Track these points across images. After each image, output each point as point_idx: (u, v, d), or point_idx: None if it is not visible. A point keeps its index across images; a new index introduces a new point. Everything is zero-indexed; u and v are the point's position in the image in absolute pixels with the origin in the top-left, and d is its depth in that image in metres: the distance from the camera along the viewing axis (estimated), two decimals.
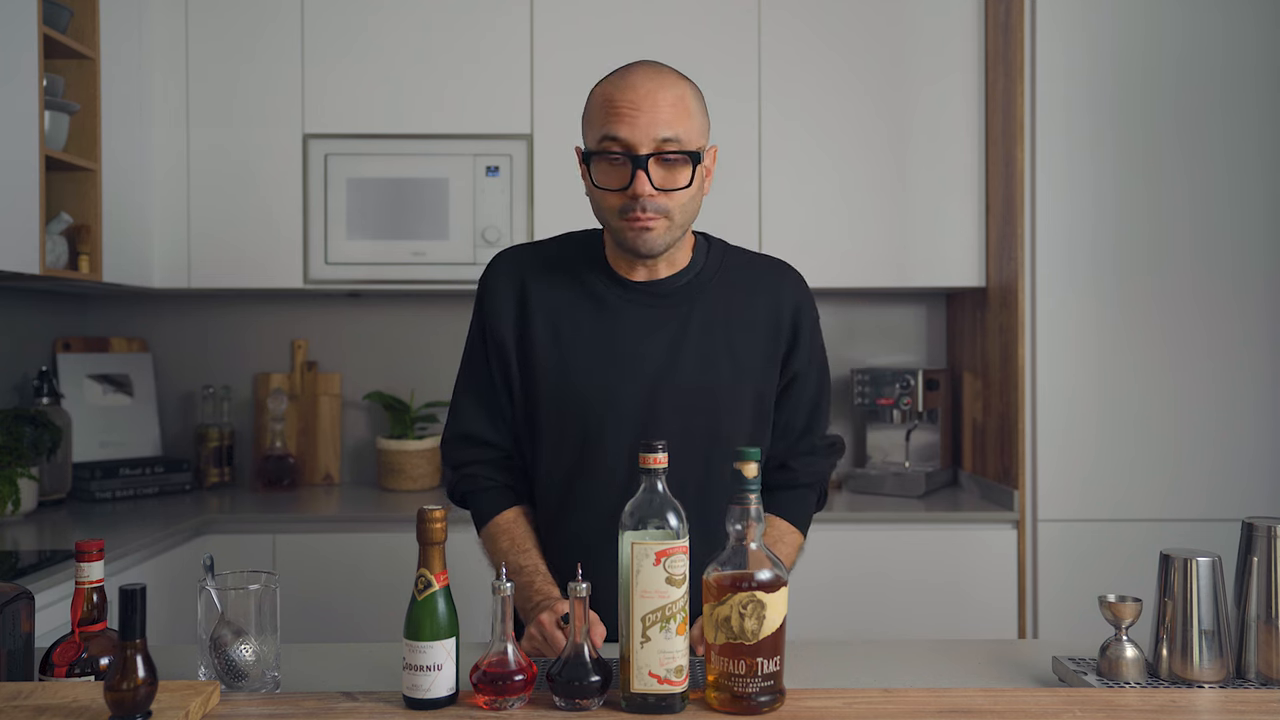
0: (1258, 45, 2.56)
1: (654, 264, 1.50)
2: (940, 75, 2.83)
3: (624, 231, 1.42)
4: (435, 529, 1.10)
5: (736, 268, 1.56)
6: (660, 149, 1.39)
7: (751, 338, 1.52)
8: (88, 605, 1.14)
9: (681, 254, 1.53)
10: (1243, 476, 2.55)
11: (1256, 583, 1.21)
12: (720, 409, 1.49)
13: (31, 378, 2.80)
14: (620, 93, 1.41)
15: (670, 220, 1.42)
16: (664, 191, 1.40)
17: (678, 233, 1.45)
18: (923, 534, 2.59)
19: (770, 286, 1.55)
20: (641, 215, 1.40)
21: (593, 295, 1.51)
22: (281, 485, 2.98)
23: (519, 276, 1.53)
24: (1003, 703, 1.11)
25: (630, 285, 1.51)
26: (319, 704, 1.10)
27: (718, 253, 1.56)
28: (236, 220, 2.81)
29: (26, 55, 2.22)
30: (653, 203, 1.39)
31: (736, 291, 1.53)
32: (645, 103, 1.39)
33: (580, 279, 1.52)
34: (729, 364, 1.50)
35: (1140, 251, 2.57)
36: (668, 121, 1.39)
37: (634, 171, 1.38)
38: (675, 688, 1.08)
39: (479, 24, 2.82)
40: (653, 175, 1.39)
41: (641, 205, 1.39)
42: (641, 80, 1.41)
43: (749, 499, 1.10)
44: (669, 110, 1.40)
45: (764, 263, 1.60)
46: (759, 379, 1.52)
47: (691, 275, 1.52)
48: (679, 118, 1.40)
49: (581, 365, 1.48)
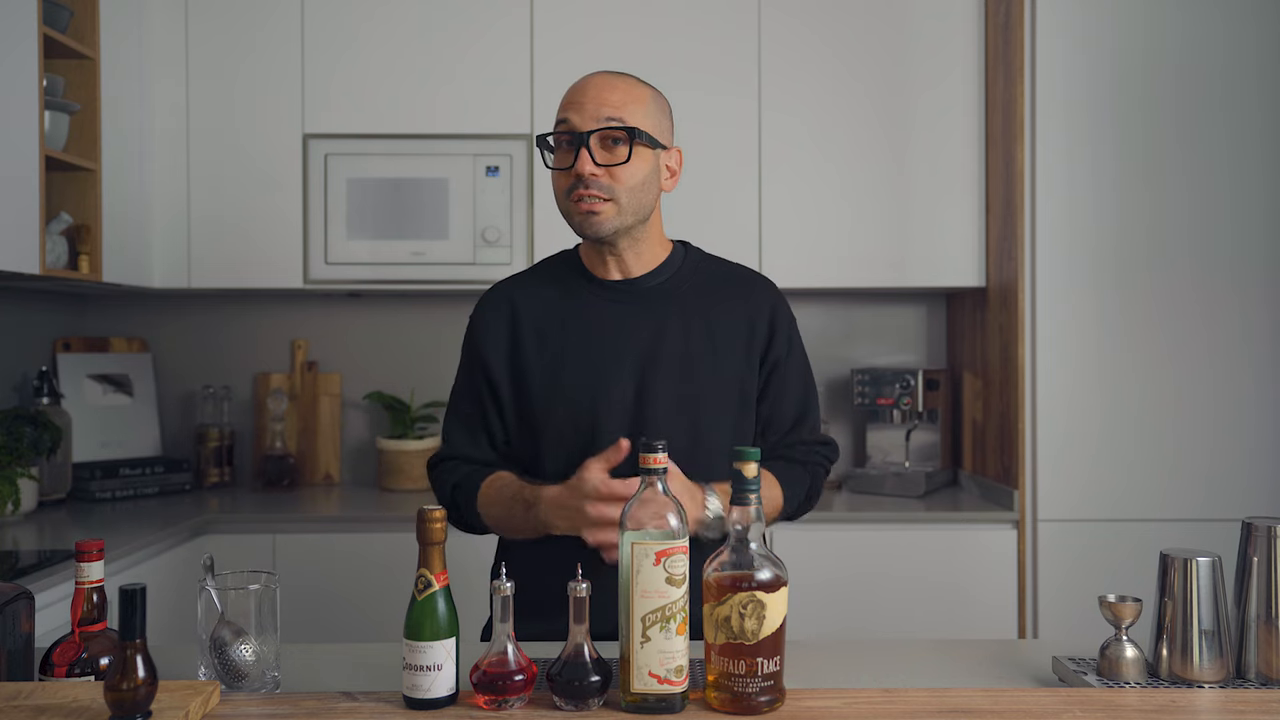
0: (1258, 45, 2.56)
1: (623, 259, 1.56)
2: (940, 75, 2.83)
3: (573, 214, 1.50)
4: (435, 529, 1.10)
5: (712, 272, 1.62)
6: (601, 127, 1.46)
7: (730, 333, 1.56)
8: (88, 605, 1.14)
9: (651, 252, 1.58)
10: (1243, 476, 2.55)
11: (1256, 583, 1.21)
12: (703, 401, 1.53)
13: (31, 378, 2.80)
14: (577, 84, 1.51)
15: (617, 204, 1.48)
16: (606, 169, 1.46)
17: (628, 219, 1.50)
18: (923, 534, 2.59)
19: (745, 290, 1.61)
20: (585, 193, 1.46)
21: (573, 297, 1.57)
22: (281, 485, 2.98)
23: (507, 302, 1.60)
24: (1003, 703, 1.11)
25: (607, 284, 1.57)
26: (319, 704, 1.10)
27: (694, 258, 1.63)
28: (236, 220, 2.81)
29: (26, 55, 2.22)
30: (596, 181, 1.46)
31: (714, 292, 1.59)
32: (592, 90, 1.48)
33: (561, 286, 1.59)
34: (710, 358, 1.54)
35: (1140, 251, 2.57)
36: (614, 105, 1.47)
37: (577, 150, 1.46)
38: (675, 688, 1.08)
39: (479, 24, 2.82)
40: (595, 154, 1.45)
41: (585, 183, 1.46)
42: (597, 77, 1.52)
43: (749, 499, 1.10)
44: (617, 95, 1.48)
45: (739, 269, 1.66)
46: (740, 371, 1.56)
47: (668, 275, 1.58)
48: (626, 104, 1.48)
49: (569, 364, 1.54)
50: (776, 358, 1.59)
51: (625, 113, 1.47)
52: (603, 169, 1.46)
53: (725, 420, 1.55)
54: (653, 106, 1.52)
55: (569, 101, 1.49)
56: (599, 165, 1.46)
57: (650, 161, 1.50)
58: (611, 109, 1.46)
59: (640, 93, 1.51)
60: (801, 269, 2.82)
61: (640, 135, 1.47)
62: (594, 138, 1.46)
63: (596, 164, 1.46)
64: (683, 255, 1.61)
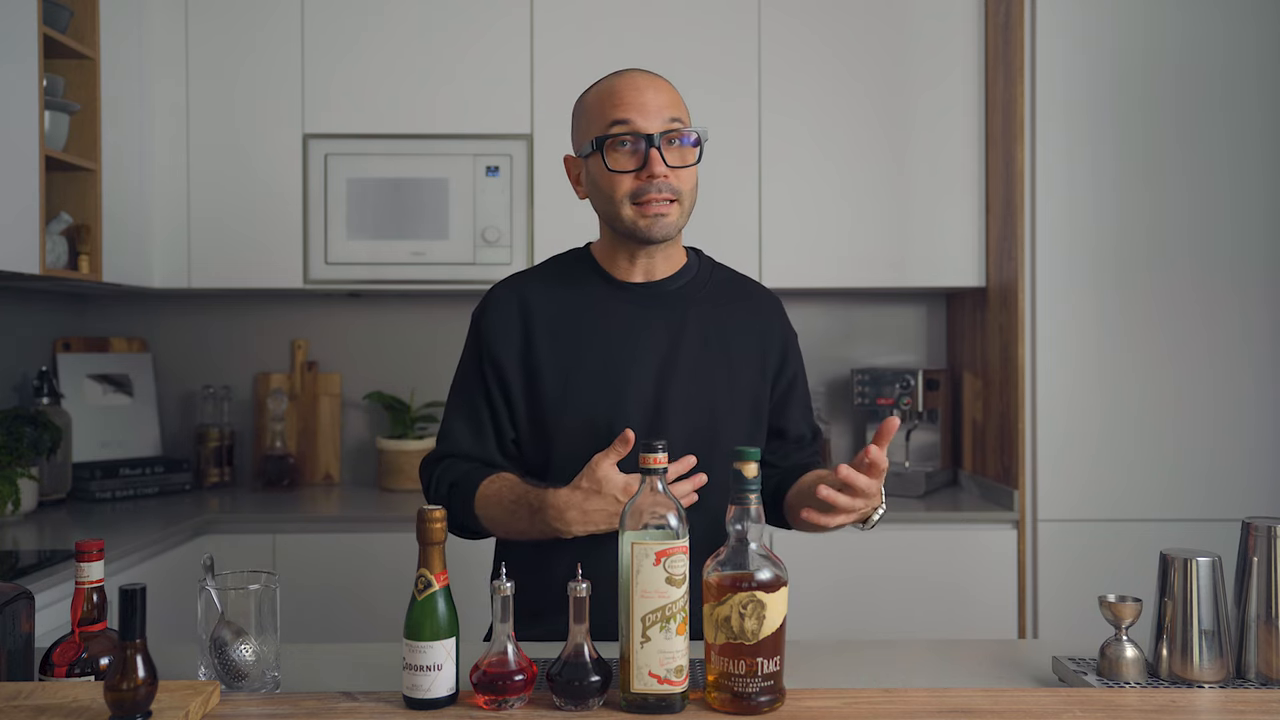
0: (1258, 45, 2.56)
1: (652, 263, 1.54)
2: (940, 75, 2.83)
3: (637, 219, 1.46)
4: (435, 529, 1.10)
5: (724, 280, 1.63)
6: (669, 128, 1.45)
7: (744, 344, 1.56)
8: (88, 605, 1.14)
9: (678, 253, 1.58)
10: (1243, 476, 2.55)
11: (1256, 583, 1.21)
12: (718, 409, 1.52)
13: (31, 378, 2.80)
14: (622, 84, 1.48)
15: (681, 205, 1.49)
16: (675, 170, 1.45)
17: (685, 219, 1.51)
18: (923, 534, 2.59)
19: (755, 305, 1.62)
20: (656, 197, 1.45)
21: (592, 300, 1.54)
22: (281, 485, 2.98)
23: (518, 299, 1.55)
24: (1003, 703, 1.11)
25: (628, 287, 1.54)
26: (319, 704, 1.10)
27: (707, 264, 1.64)
28: (236, 220, 2.81)
29: (26, 55, 2.22)
30: (666, 184, 1.44)
31: (728, 301, 1.59)
32: (649, 89, 1.46)
33: (577, 287, 1.55)
34: (725, 366, 1.53)
35: (1140, 251, 2.57)
36: (672, 105, 1.47)
37: (647, 151, 1.44)
38: (675, 688, 1.08)
39: (479, 24, 2.82)
40: (665, 154, 1.44)
41: (657, 187, 1.44)
42: (639, 75, 1.50)
43: (749, 499, 1.10)
44: (670, 96, 1.48)
45: (748, 281, 1.67)
46: (755, 382, 1.56)
47: (687, 279, 1.57)
48: (679, 104, 1.49)
49: (586, 366, 1.50)
50: (789, 379, 1.60)
51: (682, 114, 1.48)
52: (672, 170, 1.45)
53: (741, 427, 1.54)
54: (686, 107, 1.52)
55: (625, 102, 1.45)
56: (669, 166, 1.45)
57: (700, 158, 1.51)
58: (672, 110, 1.46)
59: (679, 94, 1.52)
60: (801, 269, 2.82)
61: (705, 137, 1.48)
62: (663, 140, 1.44)
63: (668, 165, 1.44)
64: (698, 261, 1.61)
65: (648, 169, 1.43)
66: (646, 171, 1.43)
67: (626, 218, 1.47)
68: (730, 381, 1.53)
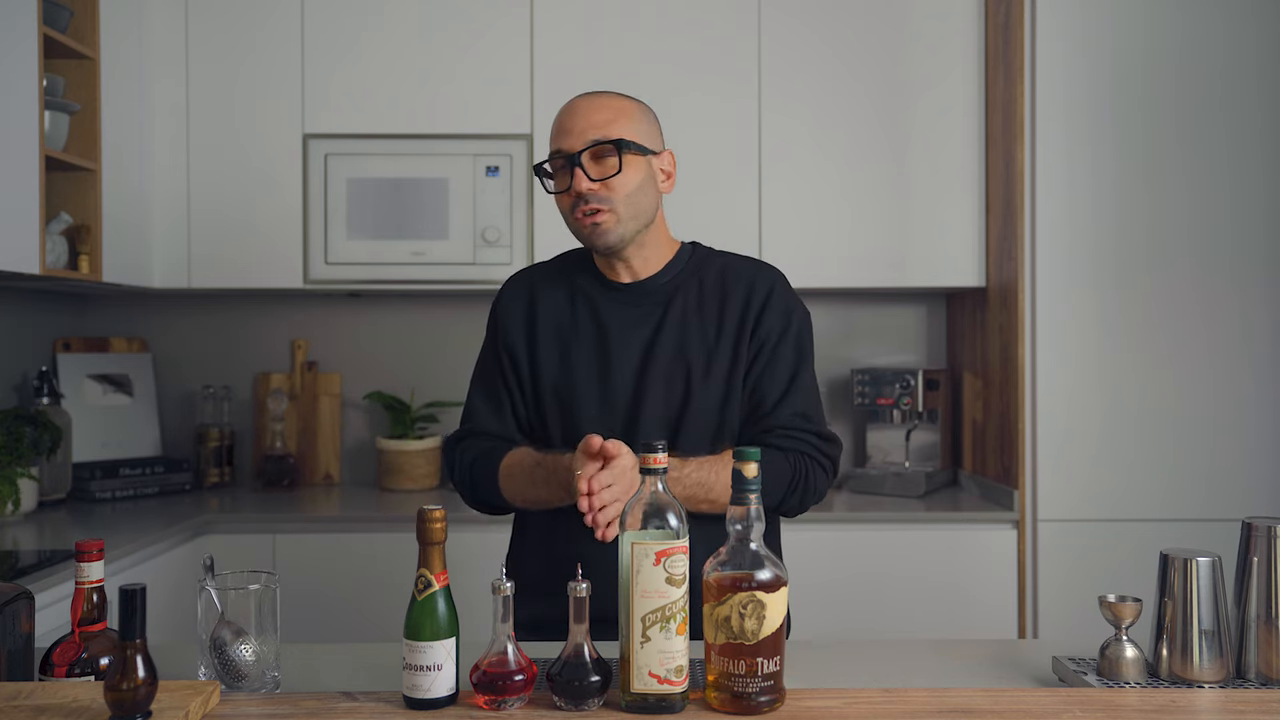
0: (1258, 45, 2.56)
1: (631, 264, 1.63)
2: (940, 75, 2.83)
3: (580, 230, 1.58)
4: (435, 529, 1.10)
5: (717, 266, 1.67)
6: (589, 145, 1.53)
7: (724, 318, 1.61)
8: (88, 605, 1.14)
9: (657, 255, 1.65)
10: (1243, 476, 2.55)
11: (1256, 583, 1.21)
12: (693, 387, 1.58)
13: (31, 378, 2.80)
14: (562, 112, 1.59)
15: (616, 213, 1.54)
16: (601, 182, 1.54)
17: (630, 225, 1.56)
18: (923, 534, 2.59)
19: (750, 276, 1.65)
20: (584, 209, 1.54)
21: (586, 298, 1.65)
22: (281, 485, 2.98)
23: (527, 291, 1.69)
24: (1003, 703, 1.11)
25: (616, 286, 1.65)
26: (319, 704, 1.10)
27: (700, 255, 1.69)
28: (236, 220, 2.81)
29: (26, 55, 2.21)
30: (593, 195, 1.53)
31: (714, 283, 1.64)
32: (579, 113, 1.56)
33: (576, 285, 1.67)
34: (701, 347, 1.60)
35: (1140, 251, 2.57)
36: (599, 123, 1.54)
37: (572, 170, 1.54)
38: (675, 688, 1.08)
39: (479, 24, 2.82)
40: (588, 170, 1.54)
41: (584, 199, 1.53)
42: (580, 101, 1.59)
43: (749, 499, 1.10)
44: (602, 114, 1.55)
45: (746, 261, 1.70)
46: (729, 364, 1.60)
47: (672, 274, 1.65)
48: (611, 120, 1.55)
49: (578, 360, 1.62)
50: (766, 335, 1.60)
51: (611, 128, 1.54)
52: (598, 183, 1.54)
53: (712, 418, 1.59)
54: (638, 115, 1.59)
55: (558, 130, 1.57)
56: (594, 180, 1.53)
57: (642, 168, 1.57)
58: (597, 128, 1.54)
59: (623, 105, 1.58)
60: (801, 269, 2.80)
61: (626, 145, 1.54)
62: (585, 156, 1.54)
63: (591, 179, 1.53)
64: (689, 254, 1.68)
65: (573, 186, 1.54)
66: (573, 189, 1.54)
67: (576, 231, 1.59)
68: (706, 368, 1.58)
